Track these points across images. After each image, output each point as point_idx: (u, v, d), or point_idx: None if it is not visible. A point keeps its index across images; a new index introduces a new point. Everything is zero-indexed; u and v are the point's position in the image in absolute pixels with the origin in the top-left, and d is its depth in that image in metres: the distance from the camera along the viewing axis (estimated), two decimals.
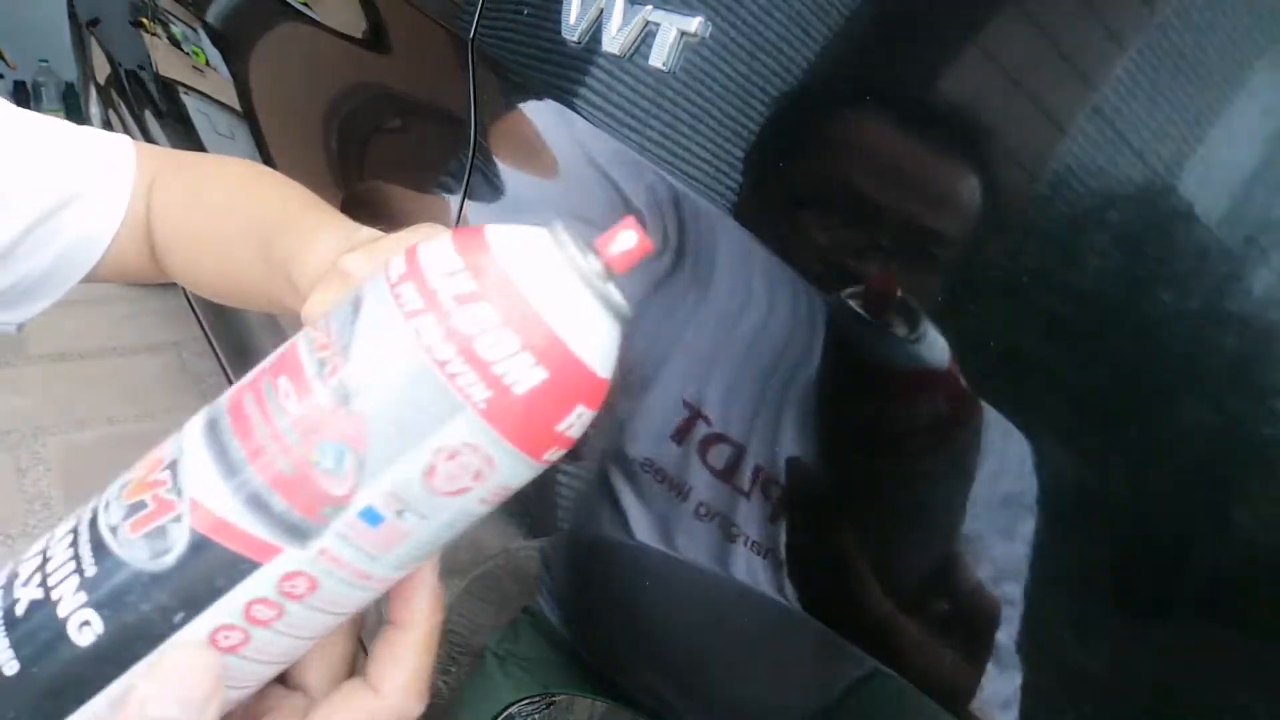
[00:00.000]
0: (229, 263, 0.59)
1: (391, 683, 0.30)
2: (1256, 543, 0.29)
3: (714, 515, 0.44)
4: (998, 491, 0.35)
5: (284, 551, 0.26)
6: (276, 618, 0.27)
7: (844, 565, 0.39)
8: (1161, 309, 0.31)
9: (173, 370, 2.29)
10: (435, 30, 0.68)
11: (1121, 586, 0.32)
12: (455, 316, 0.25)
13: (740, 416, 0.43)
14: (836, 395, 0.41)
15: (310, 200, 0.59)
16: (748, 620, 0.44)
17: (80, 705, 0.26)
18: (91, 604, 0.26)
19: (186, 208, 0.63)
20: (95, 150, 0.64)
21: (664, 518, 0.46)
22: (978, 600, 0.35)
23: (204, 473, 0.26)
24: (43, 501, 1.80)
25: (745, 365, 0.44)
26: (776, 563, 0.41)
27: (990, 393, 0.36)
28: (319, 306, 0.44)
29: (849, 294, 0.39)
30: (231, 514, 0.26)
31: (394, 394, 0.25)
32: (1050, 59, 0.34)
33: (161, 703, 0.25)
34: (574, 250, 0.27)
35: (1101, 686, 0.32)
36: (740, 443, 0.43)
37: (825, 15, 0.41)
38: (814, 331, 0.42)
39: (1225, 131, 0.30)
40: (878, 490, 0.39)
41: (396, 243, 0.45)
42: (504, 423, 0.26)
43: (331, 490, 0.26)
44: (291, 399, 0.26)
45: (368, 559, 0.27)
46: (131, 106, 1.84)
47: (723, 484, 0.43)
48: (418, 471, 0.26)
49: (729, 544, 0.43)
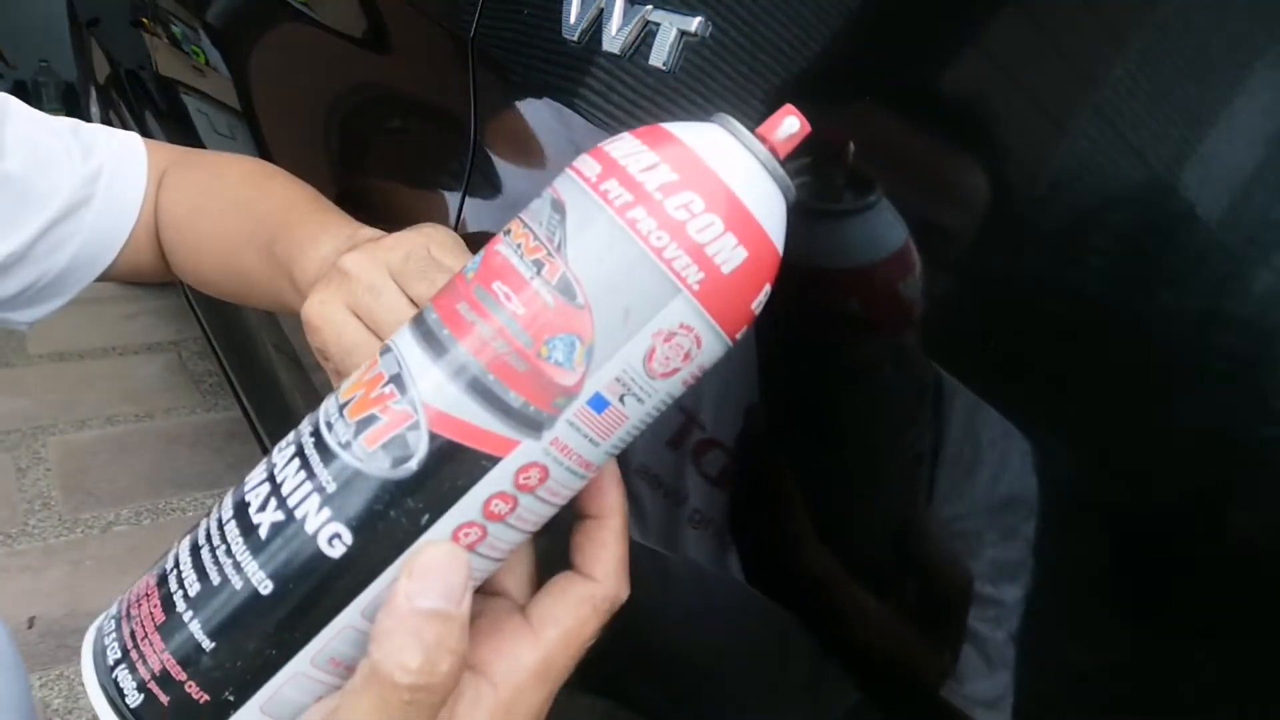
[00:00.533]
0: (233, 262, 0.59)
1: (603, 568, 0.32)
2: (1256, 543, 0.29)
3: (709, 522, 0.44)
4: (997, 493, 0.35)
5: (521, 445, 0.28)
6: (510, 511, 0.29)
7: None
8: (1161, 309, 0.31)
9: (173, 370, 2.29)
10: (435, 30, 0.68)
11: (1121, 586, 0.32)
12: (666, 205, 0.28)
13: (733, 421, 0.43)
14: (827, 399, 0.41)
15: (315, 200, 0.59)
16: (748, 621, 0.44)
17: (335, 615, 0.29)
18: (338, 518, 0.28)
19: (192, 208, 0.63)
20: (109, 148, 0.64)
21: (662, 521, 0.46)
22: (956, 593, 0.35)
23: (435, 380, 0.28)
24: (43, 501, 1.80)
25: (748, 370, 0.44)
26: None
27: (990, 392, 0.36)
28: (319, 306, 0.44)
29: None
30: (469, 415, 0.28)
31: (616, 283, 0.28)
32: (1050, 59, 0.34)
33: (426, 596, 0.27)
34: (749, 137, 0.29)
35: (1101, 686, 0.32)
36: (730, 446, 0.43)
37: (825, 15, 0.41)
38: (818, 333, 0.42)
39: (1225, 131, 0.30)
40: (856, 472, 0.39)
41: (397, 242, 0.45)
42: (713, 302, 0.28)
43: (563, 381, 0.28)
44: (514, 300, 0.28)
45: (590, 446, 0.29)
46: (131, 106, 1.84)
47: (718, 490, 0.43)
48: (639, 356, 0.28)
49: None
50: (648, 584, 0.50)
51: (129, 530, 1.75)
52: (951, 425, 0.36)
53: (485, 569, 0.31)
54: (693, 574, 0.45)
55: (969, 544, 0.36)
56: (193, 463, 1.94)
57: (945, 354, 0.37)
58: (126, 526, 1.76)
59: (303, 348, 1.02)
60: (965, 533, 0.36)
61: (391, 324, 0.43)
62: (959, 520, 0.36)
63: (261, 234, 0.55)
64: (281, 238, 0.53)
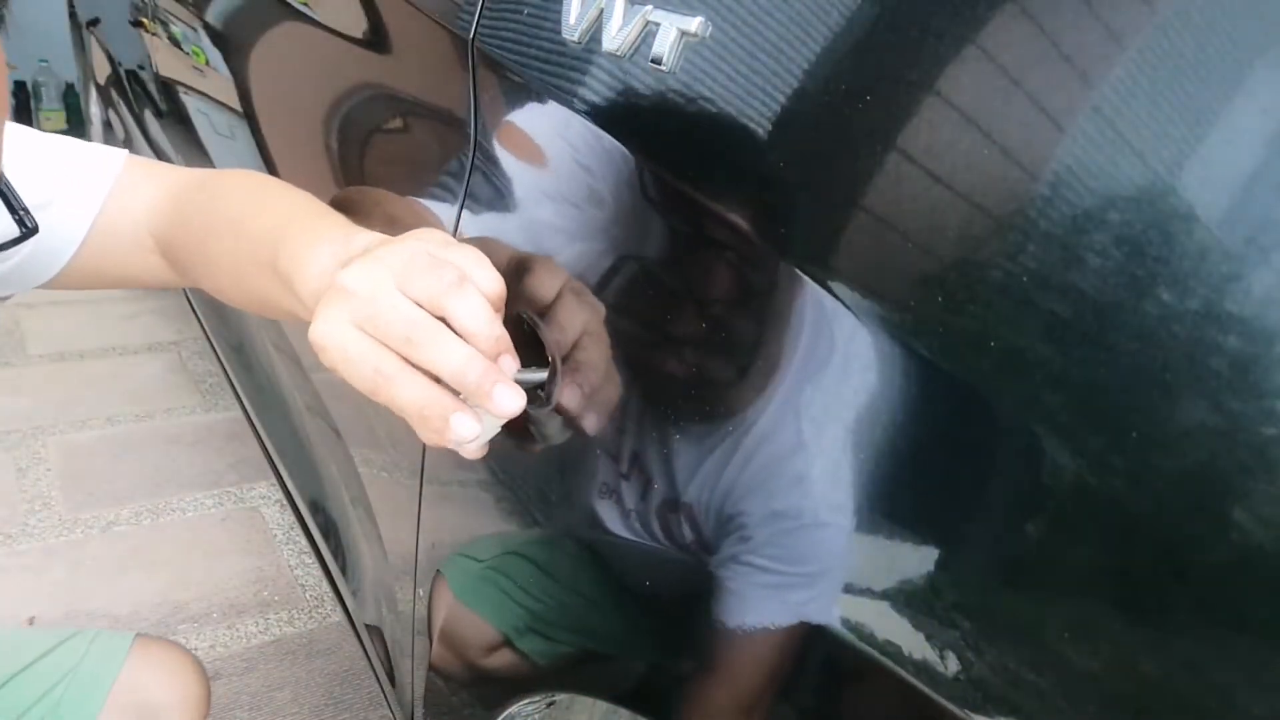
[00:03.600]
0: (245, 282, 0.59)
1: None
2: (1256, 543, 0.29)
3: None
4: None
5: None
6: None
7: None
8: (1161, 309, 0.30)
9: (173, 370, 2.29)
10: (435, 30, 0.68)
11: (1121, 586, 0.32)
12: None
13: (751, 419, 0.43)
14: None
15: (309, 208, 0.59)
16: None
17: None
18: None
19: (198, 230, 0.64)
20: (70, 164, 0.65)
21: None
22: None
23: None
24: (43, 501, 1.80)
25: (762, 374, 0.44)
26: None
27: (990, 392, 0.36)
28: (324, 327, 0.44)
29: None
30: None
31: None
32: (1050, 59, 0.34)
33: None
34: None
35: (1102, 686, 0.32)
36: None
37: (825, 15, 0.41)
38: (817, 335, 0.42)
39: (1225, 131, 0.30)
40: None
41: (393, 249, 0.45)
42: None
43: None
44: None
45: None
46: (131, 106, 1.84)
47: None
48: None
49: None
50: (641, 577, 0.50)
51: (129, 530, 1.75)
52: (951, 419, 0.36)
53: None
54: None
55: (969, 540, 0.36)
56: (193, 463, 1.94)
57: (945, 353, 0.37)
58: (126, 526, 1.76)
59: (303, 348, 1.02)
60: (966, 530, 0.36)
61: (398, 329, 0.43)
62: (958, 517, 0.36)
63: (262, 253, 0.55)
64: (281, 253, 0.53)
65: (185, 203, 0.65)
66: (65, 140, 0.66)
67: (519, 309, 0.53)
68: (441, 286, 0.44)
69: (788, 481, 0.42)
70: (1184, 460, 0.30)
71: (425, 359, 0.43)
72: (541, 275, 0.54)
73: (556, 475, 0.55)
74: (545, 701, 0.64)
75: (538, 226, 0.56)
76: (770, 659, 0.43)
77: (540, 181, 0.57)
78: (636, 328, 0.50)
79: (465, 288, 0.44)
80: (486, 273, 0.46)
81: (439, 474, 0.69)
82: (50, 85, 3.57)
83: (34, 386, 2.14)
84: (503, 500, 0.61)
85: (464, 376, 0.42)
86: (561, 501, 0.55)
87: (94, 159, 0.65)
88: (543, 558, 0.59)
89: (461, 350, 0.43)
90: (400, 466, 0.73)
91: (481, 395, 0.43)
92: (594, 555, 0.53)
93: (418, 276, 0.43)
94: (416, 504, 0.72)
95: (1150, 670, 0.31)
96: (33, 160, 0.63)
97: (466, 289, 0.44)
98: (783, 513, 0.42)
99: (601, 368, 0.50)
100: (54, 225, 0.63)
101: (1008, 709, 0.34)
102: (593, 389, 0.50)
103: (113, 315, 2.45)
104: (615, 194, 0.51)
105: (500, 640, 0.64)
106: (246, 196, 0.63)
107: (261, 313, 0.63)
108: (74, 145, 0.66)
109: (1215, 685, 0.30)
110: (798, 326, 0.42)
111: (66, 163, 0.64)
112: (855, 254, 0.40)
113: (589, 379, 0.50)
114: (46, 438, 1.98)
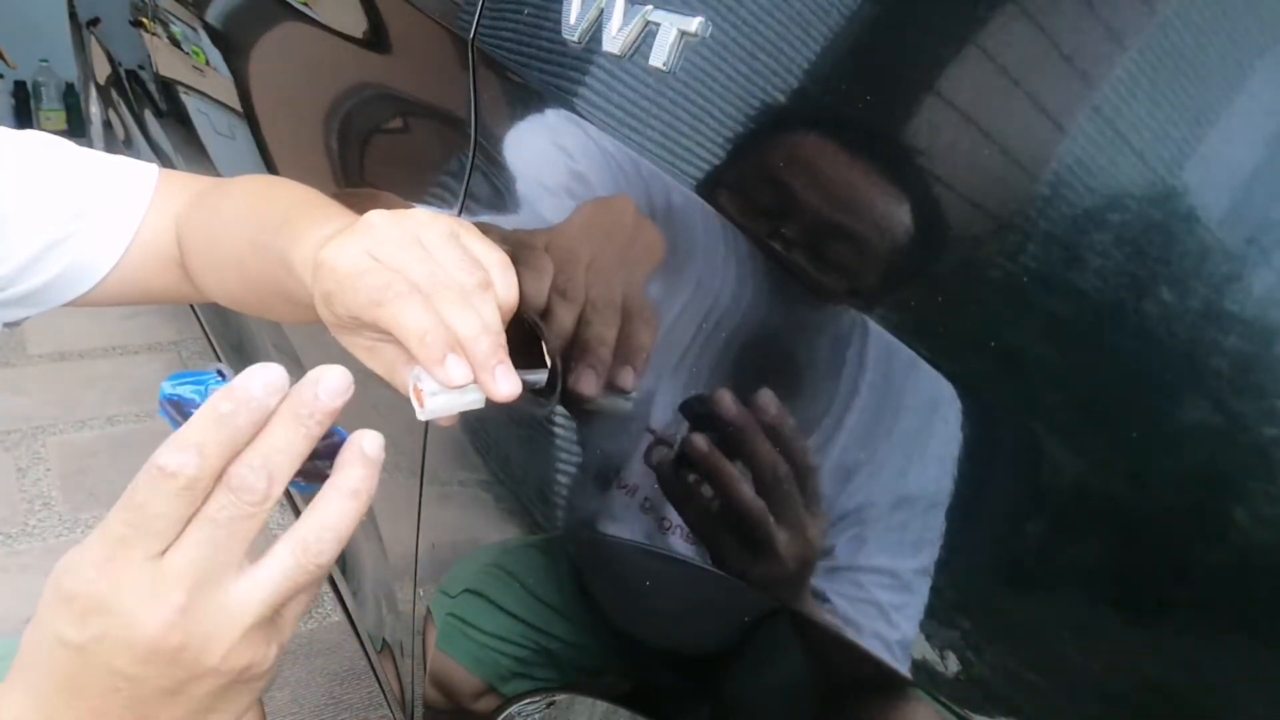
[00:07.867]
0: (250, 273, 0.59)
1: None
2: (1257, 543, 0.29)
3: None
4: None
5: None
6: None
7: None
8: (1161, 309, 0.30)
9: (173, 370, 2.29)
10: (435, 30, 0.68)
11: (1121, 586, 0.32)
12: None
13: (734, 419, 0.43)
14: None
15: (319, 199, 0.60)
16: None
17: None
18: None
19: (207, 232, 0.64)
20: (108, 181, 0.65)
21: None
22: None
23: None
24: (43, 501, 1.80)
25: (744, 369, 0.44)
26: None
27: (990, 392, 0.36)
28: (336, 248, 0.44)
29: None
30: None
31: None
32: (1050, 59, 0.34)
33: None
34: None
35: (1102, 686, 0.32)
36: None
37: (825, 15, 0.41)
38: (819, 336, 0.42)
39: (1225, 131, 0.30)
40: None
41: (423, 218, 0.46)
42: None
43: None
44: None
45: None
46: (131, 106, 1.84)
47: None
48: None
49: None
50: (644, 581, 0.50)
51: None
52: (953, 422, 0.36)
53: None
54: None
55: (969, 540, 0.36)
56: None
57: (946, 353, 0.37)
58: None
59: (303, 347, 1.02)
60: (963, 527, 0.36)
61: (420, 269, 0.43)
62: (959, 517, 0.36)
63: (263, 236, 0.55)
64: (283, 231, 0.53)
65: (198, 206, 0.66)
66: (99, 155, 0.66)
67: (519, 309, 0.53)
68: (471, 284, 0.44)
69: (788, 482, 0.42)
70: (1184, 460, 0.30)
71: (441, 306, 0.43)
72: (537, 271, 0.54)
73: (556, 476, 0.55)
74: (545, 701, 0.64)
75: (537, 226, 0.56)
76: (768, 661, 0.43)
77: (540, 181, 0.57)
78: (636, 327, 0.50)
79: (488, 294, 0.44)
80: (509, 282, 0.46)
81: (439, 474, 0.69)
82: (50, 85, 3.57)
83: (34, 386, 2.14)
84: (503, 500, 0.61)
85: (476, 343, 0.42)
86: (563, 504, 0.55)
87: (128, 175, 0.66)
88: (499, 587, 0.60)
89: (477, 319, 0.43)
90: (400, 467, 0.73)
91: (485, 370, 0.43)
92: (586, 562, 0.53)
93: (451, 262, 0.44)
94: (416, 504, 0.72)
95: (1150, 670, 0.31)
96: (66, 172, 0.63)
97: (489, 295, 0.44)
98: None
99: (609, 348, 0.49)
100: (88, 242, 0.63)
101: (1008, 709, 0.34)
102: (605, 368, 0.49)
103: (113, 315, 2.45)
104: (615, 194, 0.51)
105: (485, 688, 0.64)
106: (251, 192, 0.64)
107: (266, 310, 0.63)
108: (108, 160, 0.66)
109: (1215, 685, 0.30)
110: (797, 327, 0.42)
111: (101, 178, 0.65)
112: (855, 254, 0.40)
113: (600, 358, 0.49)
114: (46, 438, 1.98)
